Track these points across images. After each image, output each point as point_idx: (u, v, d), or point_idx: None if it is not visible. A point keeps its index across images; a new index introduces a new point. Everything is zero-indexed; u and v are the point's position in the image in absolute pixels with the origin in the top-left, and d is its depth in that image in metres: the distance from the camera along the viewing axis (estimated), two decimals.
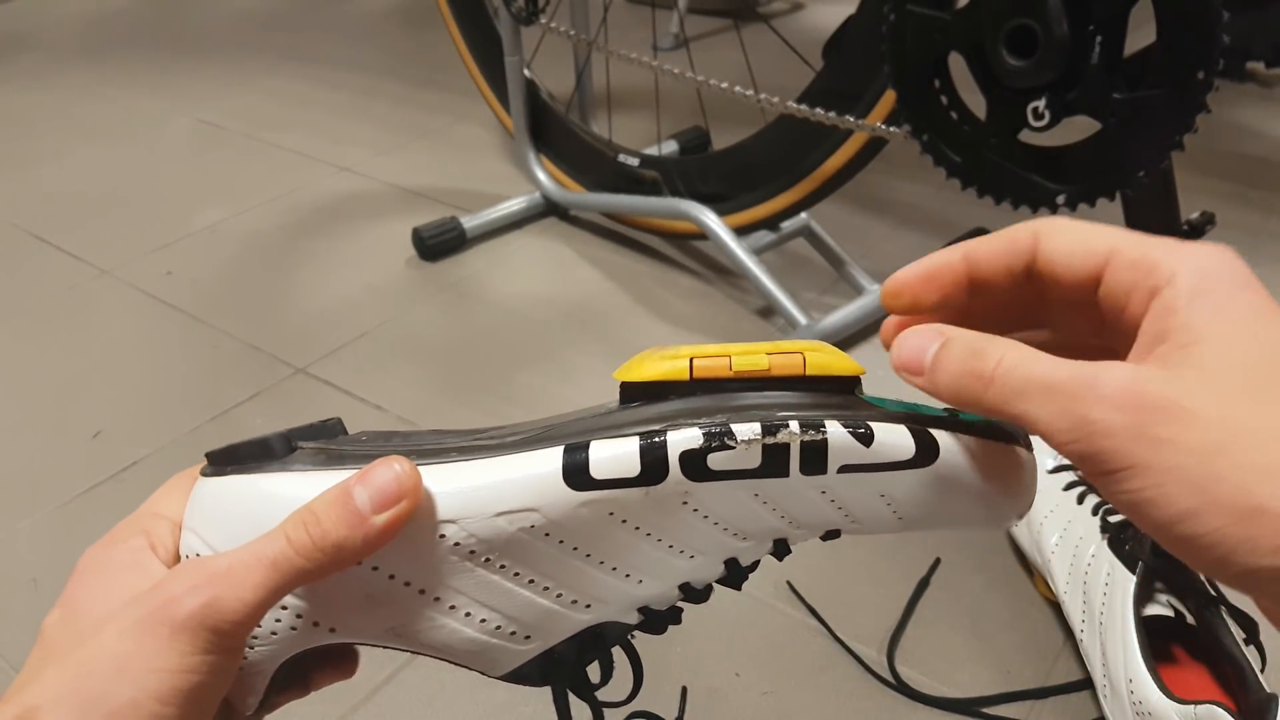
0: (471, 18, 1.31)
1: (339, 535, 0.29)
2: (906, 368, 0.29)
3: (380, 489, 0.29)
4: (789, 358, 0.30)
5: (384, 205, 1.32)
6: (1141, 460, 0.24)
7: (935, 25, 0.73)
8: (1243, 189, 1.25)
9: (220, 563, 0.29)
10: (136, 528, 0.32)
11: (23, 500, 0.85)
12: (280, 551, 0.29)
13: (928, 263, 0.30)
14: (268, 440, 0.32)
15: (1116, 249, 0.27)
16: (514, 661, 0.33)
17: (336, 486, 0.30)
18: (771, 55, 1.14)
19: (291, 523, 0.29)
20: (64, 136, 1.57)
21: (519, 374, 0.98)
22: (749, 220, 1.05)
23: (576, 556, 0.31)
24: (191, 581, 0.28)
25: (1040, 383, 0.26)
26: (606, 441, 0.30)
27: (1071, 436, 0.25)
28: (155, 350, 1.05)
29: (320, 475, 0.31)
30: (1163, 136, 0.65)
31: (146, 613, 0.28)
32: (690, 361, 0.31)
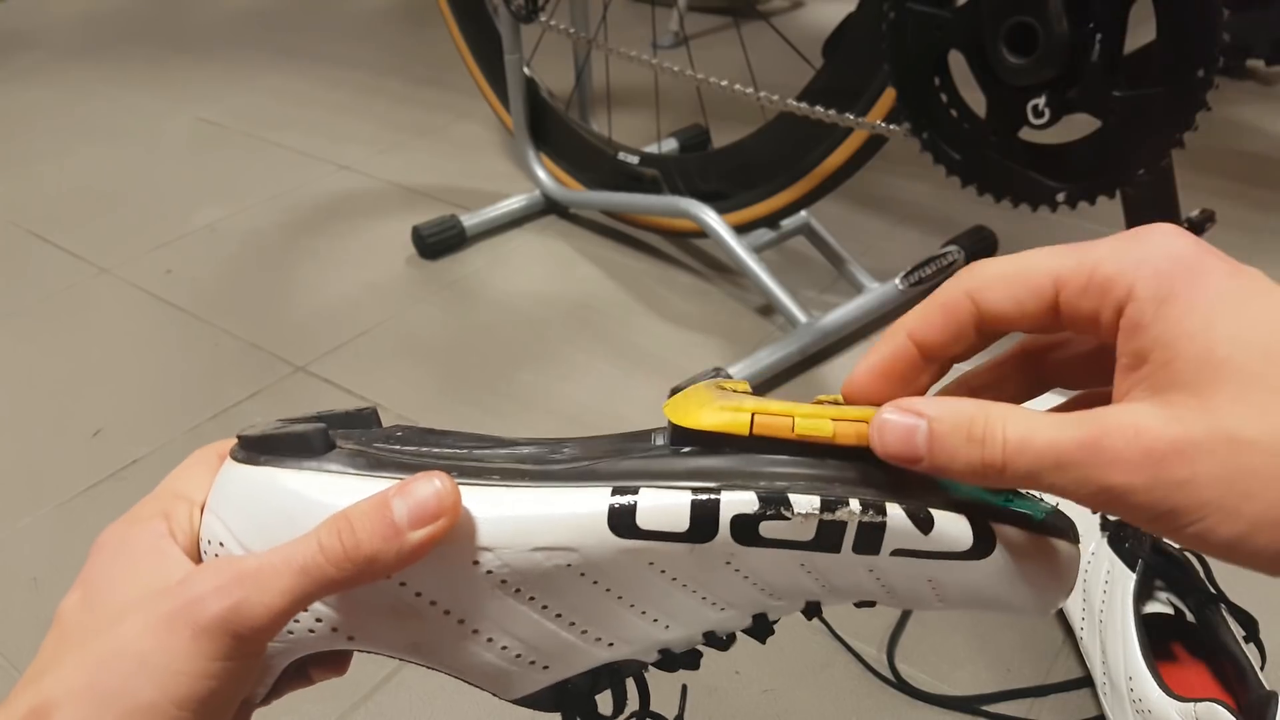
0: (471, 16, 1.31)
1: (373, 547, 0.28)
2: (901, 458, 0.27)
3: (420, 504, 0.28)
4: (855, 426, 0.29)
5: (384, 203, 1.32)
6: (1173, 505, 0.24)
7: (935, 23, 0.73)
8: (1243, 186, 1.25)
9: (249, 564, 0.28)
10: (156, 508, 0.32)
11: (23, 499, 0.85)
12: (312, 558, 0.28)
13: (878, 356, 0.29)
14: (307, 435, 0.31)
15: (1061, 279, 0.26)
16: (528, 688, 0.32)
17: (375, 496, 0.29)
18: (771, 53, 1.14)
19: (326, 529, 0.28)
20: (64, 135, 1.57)
21: (519, 372, 0.98)
22: (749, 218, 1.04)
23: (609, 598, 0.30)
24: (218, 582, 0.28)
25: (1051, 458, 0.25)
26: (657, 491, 0.29)
27: (1098, 502, 0.25)
28: (155, 349, 1.05)
29: (357, 481, 0.30)
30: (1163, 134, 0.65)
31: (171, 611, 0.27)
32: (752, 417, 0.29)
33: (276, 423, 0.32)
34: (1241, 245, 1.12)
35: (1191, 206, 0.78)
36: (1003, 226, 1.12)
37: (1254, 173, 1.29)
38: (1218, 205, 0.81)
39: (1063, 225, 1.17)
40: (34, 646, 0.71)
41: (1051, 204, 0.72)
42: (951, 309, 0.28)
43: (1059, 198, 0.71)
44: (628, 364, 0.98)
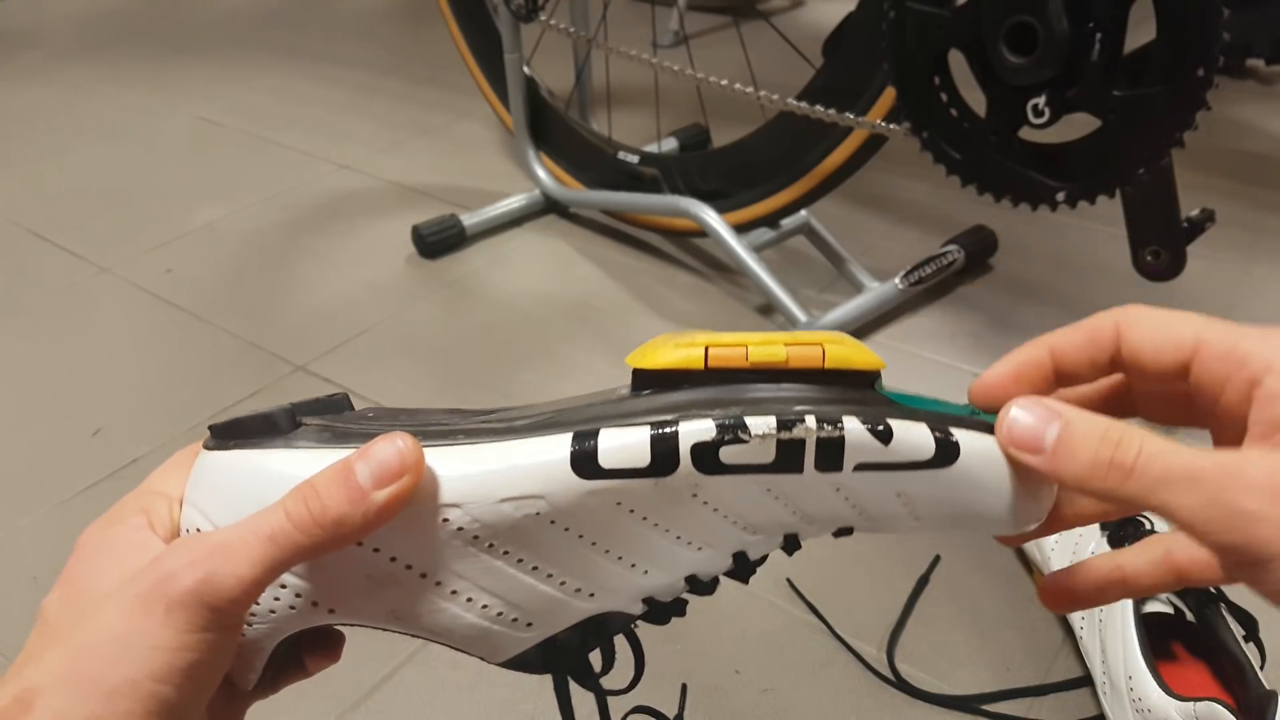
0: (471, 15, 1.31)
1: (339, 510, 0.28)
2: (1022, 445, 0.28)
3: (382, 464, 0.28)
4: (807, 349, 0.30)
5: (384, 203, 1.32)
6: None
7: (935, 22, 0.73)
8: (1243, 186, 1.25)
9: (217, 538, 0.29)
10: (136, 506, 0.32)
11: (23, 498, 0.85)
12: (279, 526, 0.28)
13: (1015, 361, 0.31)
14: (272, 415, 0.31)
15: (1203, 340, 0.28)
16: (515, 648, 0.32)
17: (338, 462, 0.29)
18: (771, 52, 1.14)
19: (291, 497, 0.29)
20: (63, 134, 1.57)
21: (519, 371, 0.98)
22: (749, 217, 1.04)
23: (582, 545, 0.31)
24: (188, 557, 0.28)
25: (1183, 472, 0.25)
26: (617, 430, 0.29)
27: (1220, 526, 0.25)
28: (155, 348, 1.05)
29: (324, 453, 0.30)
30: (1163, 133, 0.65)
31: (144, 590, 0.28)
32: (705, 350, 0.30)
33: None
34: (1242, 244, 1.12)
35: (1191, 206, 0.78)
36: (1003, 226, 1.12)
37: (1254, 172, 1.29)
38: (1218, 204, 0.81)
39: (1063, 225, 1.17)
40: None
41: (1051, 203, 0.72)
42: (1098, 334, 0.30)
43: (1059, 197, 0.71)
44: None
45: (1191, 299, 1.02)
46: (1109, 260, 1.09)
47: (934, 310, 1.05)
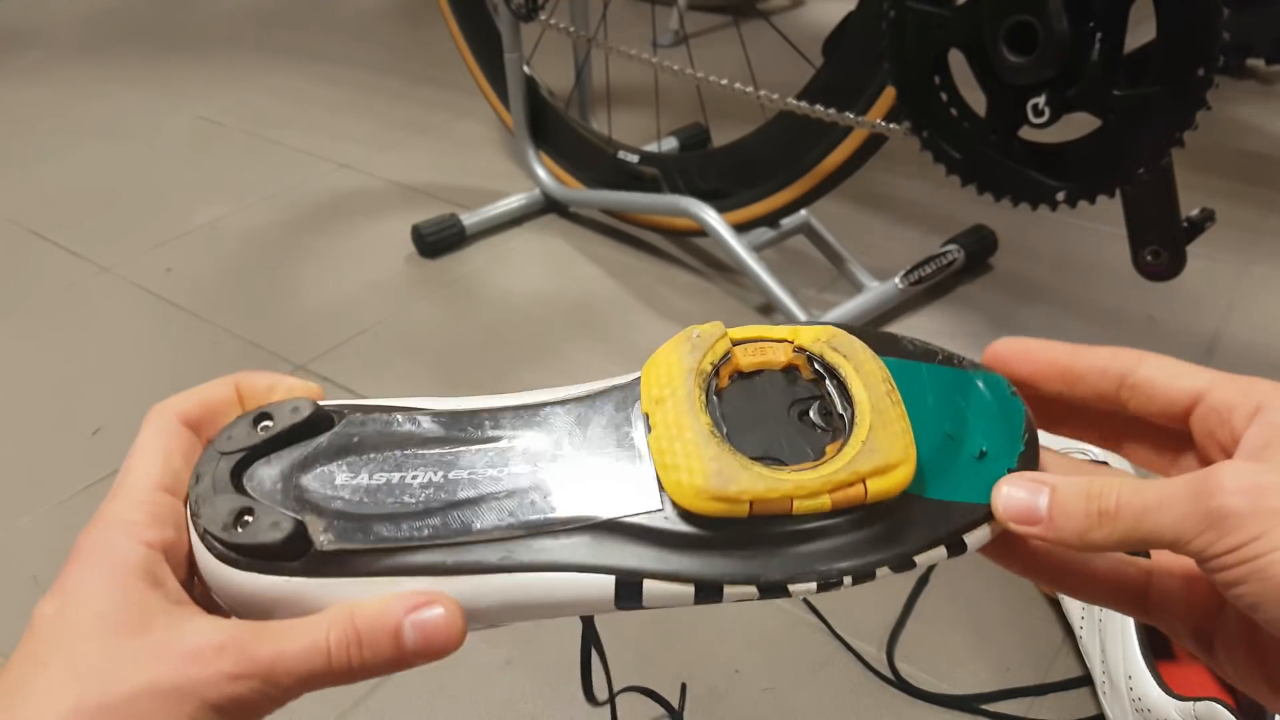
0: (471, 14, 1.31)
1: (377, 665, 0.29)
2: (1020, 520, 0.30)
3: (428, 637, 0.29)
4: (851, 491, 0.30)
5: (383, 202, 1.32)
6: (1264, 529, 0.26)
7: (935, 22, 0.73)
8: (1242, 186, 1.25)
9: (264, 652, 0.28)
10: (139, 508, 0.31)
11: (22, 497, 0.85)
12: (320, 667, 0.28)
13: (1033, 342, 0.33)
14: (281, 544, 0.30)
15: (1217, 380, 0.30)
16: None
17: (389, 614, 0.29)
18: (771, 52, 1.14)
19: (336, 638, 0.29)
20: (63, 133, 1.57)
21: (519, 370, 0.98)
22: (749, 217, 1.04)
23: None
24: (234, 668, 0.27)
25: (1157, 498, 0.28)
26: (662, 584, 0.30)
27: (1200, 527, 0.27)
28: (155, 347, 1.05)
29: (348, 586, 0.30)
30: (1163, 133, 0.65)
31: (180, 683, 0.27)
32: (750, 505, 0.30)
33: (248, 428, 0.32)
34: (1242, 244, 1.12)
35: (1191, 206, 0.78)
36: (1003, 226, 1.12)
37: (1254, 172, 1.29)
38: (1218, 204, 0.81)
39: (1063, 224, 1.17)
40: None
41: (1051, 203, 0.72)
42: (1118, 353, 0.32)
43: (1059, 197, 0.71)
44: (628, 362, 0.98)
45: (1191, 299, 1.02)
46: (1109, 260, 1.09)
47: (934, 310, 1.05)
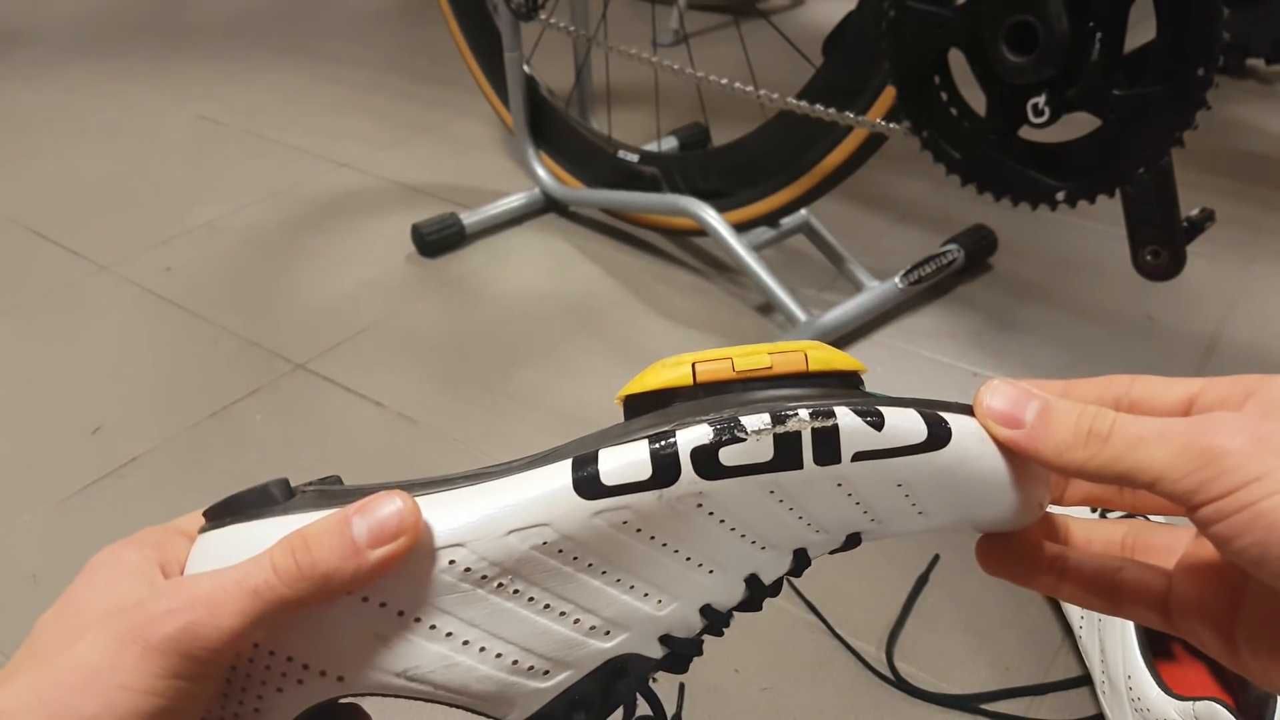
0: (471, 13, 1.31)
1: (329, 566, 0.28)
2: (1003, 419, 0.29)
3: (380, 522, 0.28)
4: (790, 356, 0.30)
5: (383, 201, 1.32)
6: (1267, 469, 0.25)
7: (935, 21, 0.73)
8: (1242, 185, 1.25)
9: (201, 587, 0.28)
10: (154, 538, 0.32)
11: (22, 496, 0.85)
12: (264, 580, 0.28)
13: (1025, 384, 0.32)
14: (266, 487, 0.31)
15: (1209, 382, 0.30)
16: (535, 703, 0.31)
17: (334, 514, 0.29)
18: (771, 51, 1.14)
19: (280, 549, 0.28)
20: (63, 132, 1.57)
21: (518, 370, 0.98)
22: (748, 216, 1.04)
23: (592, 574, 0.30)
24: (171, 603, 0.28)
25: (1156, 431, 0.27)
26: (615, 448, 0.29)
27: (1194, 465, 0.26)
28: (154, 346, 1.05)
29: (320, 515, 0.30)
30: (1163, 133, 0.65)
31: (123, 629, 0.28)
32: (693, 366, 0.30)
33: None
34: (1242, 244, 1.12)
35: (1191, 205, 0.78)
36: (1002, 225, 1.12)
37: (1254, 171, 1.29)
38: (1218, 204, 0.81)
39: (1063, 224, 1.17)
40: None
41: (1051, 203, 0.72)
42: (1110, 382, 0.31)
43: (1059, 196, 0.71)
44: (627, 362, 0.98)
45: (1191, 298, 1.03)
46: (1109, 260, 1.09)
47: (934, 309, 1.05)
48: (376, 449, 0.88)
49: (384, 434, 0.90)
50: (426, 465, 0.86)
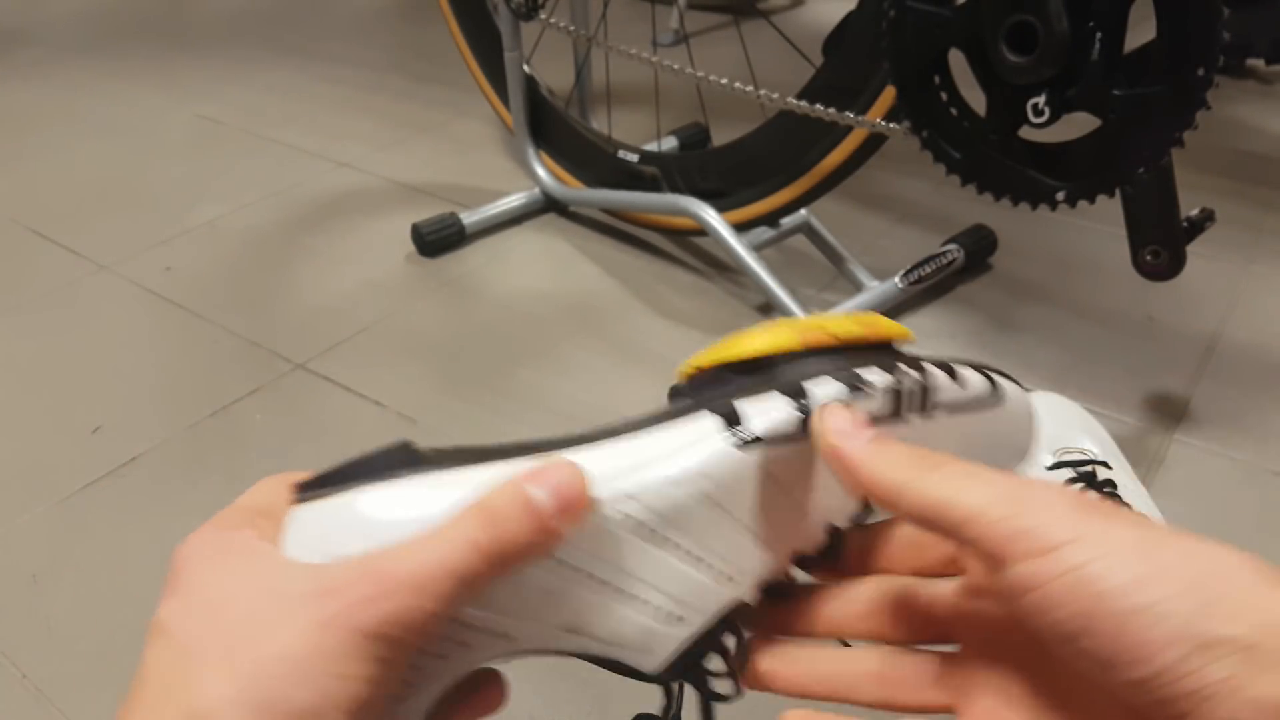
0: (471, 13, 1.31)
1: (523, 539, 0.28)
2: (840, 433, 0.30)
3: (559, 489, 0.28)
4: (870, 327, 0.34)
5: (383, 201, 1.32)
6: (1085, 532, 0.25)
7: (935, 21, 0.73)
8: (1242, 186, 1.25)
9: (401, 569, 0.27)
10: (239, 519, 0.30)
11: (22, 495, 0.85)
12: (464, 560, 0.27)
13: None
14: (391, 450, 0.30)
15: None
16: (666, 648, 0.32)
17: (507, 485, 0.28)
18: (771, 51, 1.14)
19: (474, 525, 0.28)
20: (63, 132, 1.57)
21: (518, 369, 0.98)
22: (748, 216, 1.04)
23: (735, 523, 0.31)
24: (376, 587, 0.27)
25: (985, 474, 0.27)
26: (753, 401, 0.31)
27: (1011, 511, 0.26)
28: (154, 346, 1.05)
29: (466, 473, 0.29)
30: (1163, 133, 0.65)
31: (328, 616, 0.26)
32: (798, 335, 0.33)
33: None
34: (1242, 244, 1.12)
35: (1191, 206, 0.78)
36: (1002, 225, 1.13)
37: (1254, 172, 1.29)
38: (1218, 204, 0.81)
39: (1063, 224, 1.17)
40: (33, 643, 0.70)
41: (1051, 203, 0.72)
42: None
43: (1059, 196, 0.71)
44: (627, 361, 0.98)
45: (1191, 298, 1.03)
46: (1109, 260, 1.09)
47: (933, 309, 1.05)
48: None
49: (384, 433, 0.90)
50: None
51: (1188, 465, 0.82)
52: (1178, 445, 0.84)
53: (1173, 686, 0.24)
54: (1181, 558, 0.24)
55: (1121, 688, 0.24)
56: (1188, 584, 0.24)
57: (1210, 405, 0.88)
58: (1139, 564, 0.24)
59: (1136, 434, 0.85)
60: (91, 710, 0.67)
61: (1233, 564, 0.24)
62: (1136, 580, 0.24)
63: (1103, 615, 0.24)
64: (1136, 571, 0.24)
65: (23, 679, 0.68)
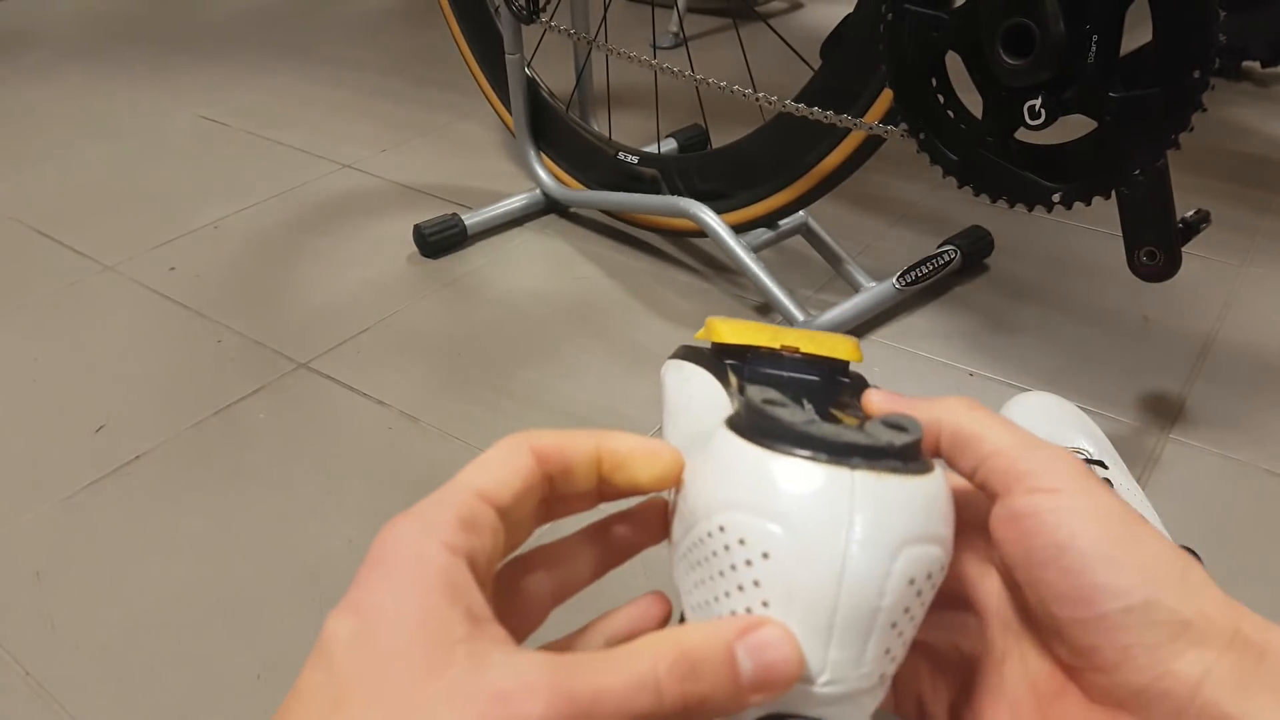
0: (473, 16, 1.32)
1: (712, 702, 0.25)
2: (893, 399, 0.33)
3: (769, 662, 0.26)
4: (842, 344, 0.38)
5: (385, 202, 1.33)
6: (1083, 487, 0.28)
7: (932, 24, 0.73)
8: (1238, 187, 1.26)
9: (583, 689, 0.24)
10: (455, 510, 0.27)
11: (26, 494, 0.86)
12: (649, 705, 0.25)
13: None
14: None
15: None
16: None
17: (715, 634, 0.26)
18: (770, 54, 1.14)
19: (667, 669, 0.25)
20: (67, 133, 1.57)
21: (519, 370, 0.99)
22: (747, 218, 1.05)
23: None
24: (549, 710, 0.23)
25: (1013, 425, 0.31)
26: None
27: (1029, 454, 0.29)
28: (158, 345, 1.06)
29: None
30: (1159, 135, 0.66)
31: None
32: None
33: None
34: (1237, 245, 1.13)
35: (1187, 207, 0.79)
36: (999, 227, 1.13)
37: (1250, 174, 1.30)
38: (1214, 206, 0.82)
39: (1059, 226, 1.18)
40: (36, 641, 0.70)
41: (1047, 205, 0.73)
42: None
43: (1055, 198, 0.72)
44: (627, 361, 0.99)
45: (1187, 300, 1.03)
46: (1105, 261, 1.10)
47: (930, 310, 1.05)
48: (378, 447, 0.89)
49: (386, 432, 0.91)
50: (428, 463, 0.87)
51: (1183, 465, 0.82)
52: (1173, 445, 0.85)
53: (1109, 635, 0.26)
54: (1153, 538, 0.27)
55: (1066, 624, 0.27)
56: (1152, 557, 0.27)
57: (1205, 405, 0.89)
58: (1118, 527, 0.27)
59: (1132, 434, 0.86)
60: (94, 708, 0.67)
61: (1188, 560, 0.27)
62: (1110, 537, 0.27)
63: (1073, 552, 0.27)
64: (1113, 531, 0.27)
65: (25, 677, 0.68)
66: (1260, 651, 0.25)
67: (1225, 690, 0.25)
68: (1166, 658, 0.25)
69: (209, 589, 0.76)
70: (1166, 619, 0.26)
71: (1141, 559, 0.27)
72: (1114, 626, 0.26)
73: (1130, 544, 0.27)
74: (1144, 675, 0.26)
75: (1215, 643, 0.25)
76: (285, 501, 0.83)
